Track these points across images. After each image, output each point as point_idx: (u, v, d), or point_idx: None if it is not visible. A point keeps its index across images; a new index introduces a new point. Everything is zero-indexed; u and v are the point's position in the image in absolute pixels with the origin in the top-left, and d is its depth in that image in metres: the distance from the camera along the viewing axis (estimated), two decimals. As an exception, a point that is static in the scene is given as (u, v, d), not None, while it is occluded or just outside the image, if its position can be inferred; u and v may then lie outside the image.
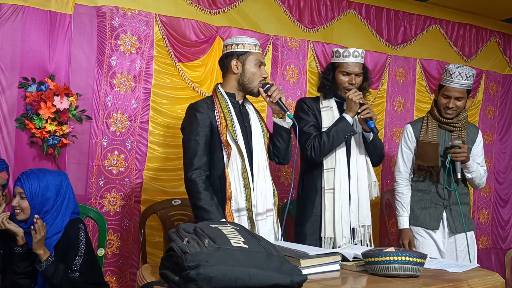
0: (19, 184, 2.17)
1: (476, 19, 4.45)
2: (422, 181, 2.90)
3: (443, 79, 2.84)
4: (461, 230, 2.83)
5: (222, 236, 1.52)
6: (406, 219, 2.91)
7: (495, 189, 4.64)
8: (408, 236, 2.89)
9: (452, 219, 2.84)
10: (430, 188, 2.88)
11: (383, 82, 4.03)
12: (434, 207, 2.86)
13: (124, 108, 3.10)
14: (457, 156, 2.72)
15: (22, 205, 2.15)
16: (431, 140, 2.84)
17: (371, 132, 2.61)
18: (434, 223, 2.85)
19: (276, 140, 2.47)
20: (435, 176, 2.84)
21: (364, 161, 2.71)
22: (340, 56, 2.67)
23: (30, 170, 2.22)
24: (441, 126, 2.87)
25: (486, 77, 4.55)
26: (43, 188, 2.16)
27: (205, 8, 3.33)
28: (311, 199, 2.68)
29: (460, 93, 2.78)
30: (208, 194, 2.21)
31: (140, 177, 3.14)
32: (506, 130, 4.69)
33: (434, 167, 2.82)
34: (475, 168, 2.82)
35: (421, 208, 2.88)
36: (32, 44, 2.85)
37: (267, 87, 2.39)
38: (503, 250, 4.45)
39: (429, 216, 2.86)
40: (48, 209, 2.17)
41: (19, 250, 2.16)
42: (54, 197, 2.19)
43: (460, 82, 2.77)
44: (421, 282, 1.74)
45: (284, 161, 2.53)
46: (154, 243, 3.10)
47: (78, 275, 2.17)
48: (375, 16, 3.98)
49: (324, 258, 1.84)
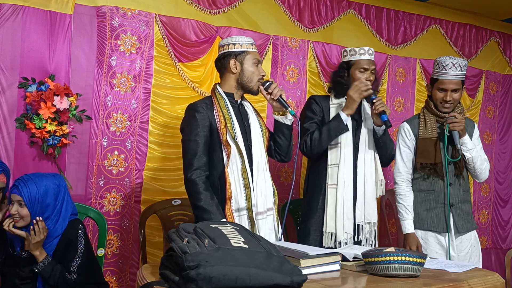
0: (16, 191, 2.11)
1: (476, 19, 4.45)
2: (423, 180, 2.77)
3: (436, 73, 2.73)
4: (466, 229, 2.72)
5: (222, 236, 1.52)
6: (410, 223, 2.73)
7: (495, 189, 4.64)
8: (415, 241, 2.70)
9: (458, 218, 2.71)
10: (433, 187, 2.74)
11: (383, 82, 4.03)
12: (440, 207, 2.71)
13: (124, 108, 3.10)
14: (454, 125, 2.61)
15: (22, 213, 2.10)
16: (432, 136, 2.72)
17: (385, 125, 2.59)
18: (443, 225, 2.69)
19: (278, 137, 2.48)
20: (440, 173, 2.71)
21: (372, 158, 2.70)
22: (356, 54, 2.67)
23: (26, 175, 2.16)
24: (439, 121, 2.75)
25: (486, 77, 4.55)
26: (42, 194, 2.11)
27: (205, 8, 3.33)
28: (316, 195, 2.69)
29: (456, 85, 2.68)
30: (208, 194, 2.21)
31: (140, 177, 3.14)
32: (506, 130, 4.69)
33: (438, 164, 2.69)
34: (473, 146, 2.68)
35: (427, 210, 2.73)
36: (32, 44, 2.85)
37: (267, 85, 2.41)
38: (503, 250, 4.45)
39: (436, 217, 2.71)
40: (49, 215, 2.14)
41: (25, 254, 2.13)
42: (53, 202, 2.16)
43: (455, 73, 2.68)
44: (421, 282, 1.74)
45: (286, 158, 2.54)
46: (154, 243, 3.10)
47: (76, 276, 2.15)
48: (375, 16, 3.98)
49: (324, 258, 1.84)
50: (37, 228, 2.05)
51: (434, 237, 2.73)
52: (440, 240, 2.72)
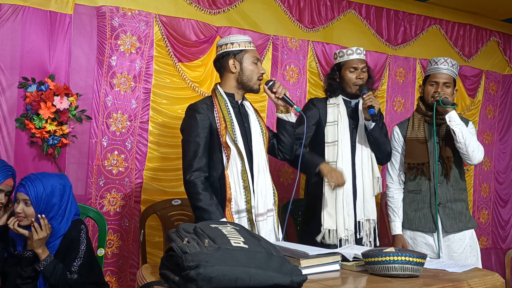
0: (22, 190, 2.11)
1: (476, 19, 4.45)
2: (411, 180, 2.79)
3: (429, 70, 2.78)
4: (457, 229, 2.70)
5: (222, 236, 1.52)
6: (398, 225, 2.80)
7: (495, 189, 4.64)
8: (401, 242, 2.77)
9: (446, 217, 2.69)
10: (421, 187, 2.75)
11: (383, 82, 4.03)
12: (427, 207, 2.73)
13: (124, 108, 3.10)
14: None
15: (27, 212, 2.10)
16: (419, 136, 2.75)
17: (371, 119, 2.62)
18: (430, 225, 2.71)
19: (281, 135, 2.49)
20: (427, 173, 2.73)
21: (368, 155, 2.74)
22: (344, 55, 2.74)
23: (33, 174, 2.17)
24: (427, 121, 2.76)
25: (486, 77, 4.55)
26: (48, 194, 2.12)
27: (205, 8, 3.33)
28: (317, 194, 2.70)
29: (448, 79, 2.70)
30: (208, 194, 2.21)
31: (140, 177, 3.14)
32: (506, 130, 4.69)
33: (424, 164, 2.73)
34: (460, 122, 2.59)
35: (414, 210, 2.76)
36: (32, 44, 2.85)
37: (271, 84, 2.42)
38: (503, 250, 4.45)
39: (424, 217, 2.73)
40: (54, 215, 2.14)
41: (27, 254, 2.13)
42: (58, 202, 2.16)
43: (446, 67, 2.71)
44: (421, 282, 1.74)
45: (289, 155, 2.55)
46: (154, 243, 3.10)
47: (76, 276, 2.16)
48: (375, 16, 3.98)
49: (324, 258, 1.84)
50: (42, 223, 2.06)
51: (422, 237, 2.76)
52: (428, 240, 2.74)
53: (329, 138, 2.72)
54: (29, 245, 2.11)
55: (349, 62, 2.72)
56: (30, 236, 2.09)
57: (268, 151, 2.48)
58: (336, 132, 2.71)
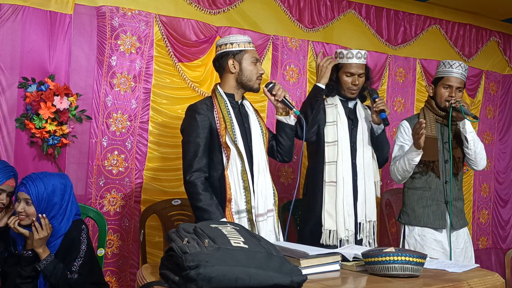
0: (24, 189, 2.11)
1: (476, 19, 4.45)
2: (419, 178, 2.81)
3: (442, 71, 2.80)
4: (460, 226, 2.79)
5: (222, 236, 1.52)
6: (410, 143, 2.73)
7: (495, 189, 4.64)
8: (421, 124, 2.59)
9: (453, 215, 2.77)
10: (430, 185, 2.79)
11: (383, 82, 4.03)
12: (436, 205, 2.76)
13: (124, 108, 3.10)
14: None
15: (28, 211, 2.10)
16: (431, 134, 2.75)
17: (383, 123, 2.63)
18: (440, 221, 2.74)
19: (281, 138, 2.49)
20: (437, 171, 2.77)
21: (370, 156, 2.75)
22: (344, 58, 2.72)
23: (34, 174, 2.17)
24: (438, 120, 2.82)
25: (486, 77, 4.56)
26: (49, 194, 2.12)
27: (205, 8, 3.33)
28: (316, 194, 2.70)
29: (461, 84, 2.77)
30: (208, 194, 2.21)
31: (140, 177, 3.14)
32: (506, 130, 4.69)
33: (435, 162, 2.75)
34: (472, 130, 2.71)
35: (423, 207, 2.78)
36: (32, 44, 2.85)
37: (271, 87, 2.42)
38: (503, 250, 4.45)
39: (433, 214, 2.75)
40: (54, 214, 2.14)
41: (27, 253, 2.13)
42: (59, 202, 2.16)
43: (460, 72, 2.77)
44: (421, 282, 1.74)
45: (288, 158, 2.55)
46: (154, 243, 3.10)
47: (76, 276, 2.16)
48: (375, 16, 3.98)
49: (324, 258, 1.84)
50: (43, 222, 2.06)
51: (431, 233, 2.78)
52: (436, 236, 2.77)
53: (329, 138, 2.72)
54: (29, 245, 2.11)
55: (347, 66, 2.70)
56: (30, 235, 2.09)
57: (267, 153, 2.47)
58: (336, 132, 2.71)
